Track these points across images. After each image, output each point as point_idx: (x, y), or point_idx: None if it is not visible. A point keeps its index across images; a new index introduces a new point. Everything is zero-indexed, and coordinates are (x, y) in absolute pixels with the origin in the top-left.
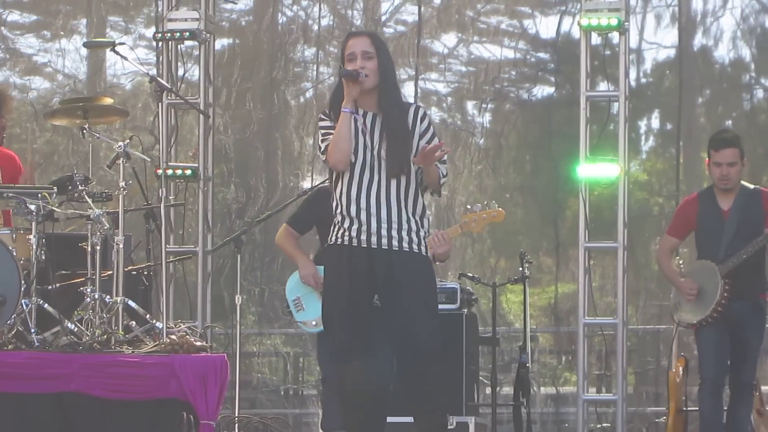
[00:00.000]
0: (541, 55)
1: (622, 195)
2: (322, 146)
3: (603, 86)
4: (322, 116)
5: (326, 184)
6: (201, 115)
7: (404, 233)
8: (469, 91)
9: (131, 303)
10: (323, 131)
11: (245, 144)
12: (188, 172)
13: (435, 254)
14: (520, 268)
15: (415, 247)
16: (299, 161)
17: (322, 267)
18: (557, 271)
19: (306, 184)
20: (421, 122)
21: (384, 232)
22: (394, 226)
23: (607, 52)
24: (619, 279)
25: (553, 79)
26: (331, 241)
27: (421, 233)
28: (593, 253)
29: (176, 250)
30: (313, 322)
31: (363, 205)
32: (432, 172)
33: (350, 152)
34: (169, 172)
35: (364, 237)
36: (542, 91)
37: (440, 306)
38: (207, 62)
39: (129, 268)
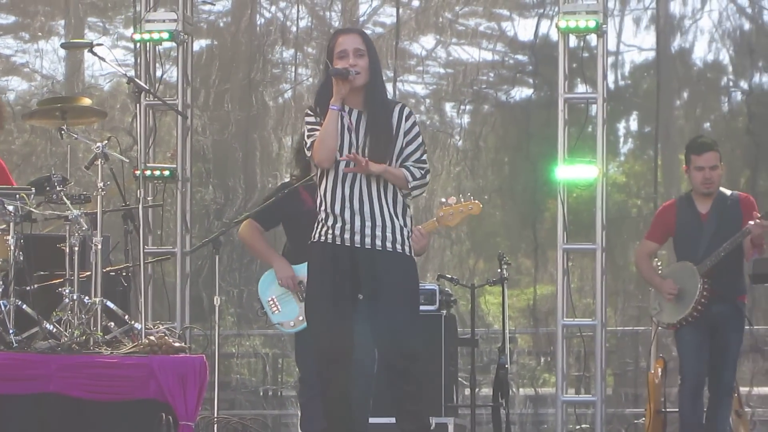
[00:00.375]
0: (519, 57)
1: (601, 197)
2: (308, 142)
3: (581, 88)
4: (309, 112)
5: (291, 181)
6: (179, 116)
7: (388, 232)
8: (448, 92)
9: (110, 304)
10: (309, 127)
11: (223, 145)
12: (166, 173)
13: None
14: (499, 270)
15: (398, 247)
16: (277, 162)
17: (297, 266)
18: (536, 273)
19: None
20: (406, 121)
21: (368, 231)
22: (378, 224)
23: (585, 55)
24: (597, 280)
25: (531, 80)
26: (314, 238)
27: (405, 232)
28: (572, 254)
29: (155, 251)
30: (291, 323)
31: (347, 203)
32: (391, 177)
33: (336, 150)
34: (148, 173)
35: (347, 236)
36: (520, 92)
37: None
38: (185, 63)
39: (107, 269)
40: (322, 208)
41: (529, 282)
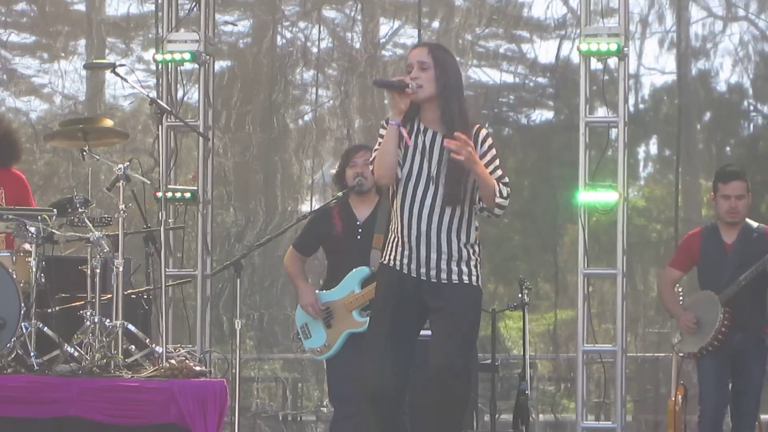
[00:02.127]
0: (540, 79)
1: (622, 221)
2: (372, 155)
3: (602, 112)
4: (383, 124)
5: (328, 205)
6: (200, 138)
7: (454, 264)
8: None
9: (131, 327)
10: (379, 140)
11: (244, 167)
12: (188, 195)
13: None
14: (519, 295)
15: (465, 278)
16: (298, 185)
17: (326, 291)
18: (556, 298)
19: (305, 208)
20: (482, 145)
21: (433, 263)
22: (444, 256)
23: (606, 78)
24: (618, 306)
25: (551, 103)
26: (385, 259)
27: (472, 262)
28: (592, 279)
29: (175, 273)
30: (318, 350)
31: (414, 231)
32: (485, 182)
33: (394, 167)
34: (169, 194)
35: (413, 266)
36: (541, 116)
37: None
38: (206, 84)
39: (128, 291)
40: (393, 228)
41: (549, 307)
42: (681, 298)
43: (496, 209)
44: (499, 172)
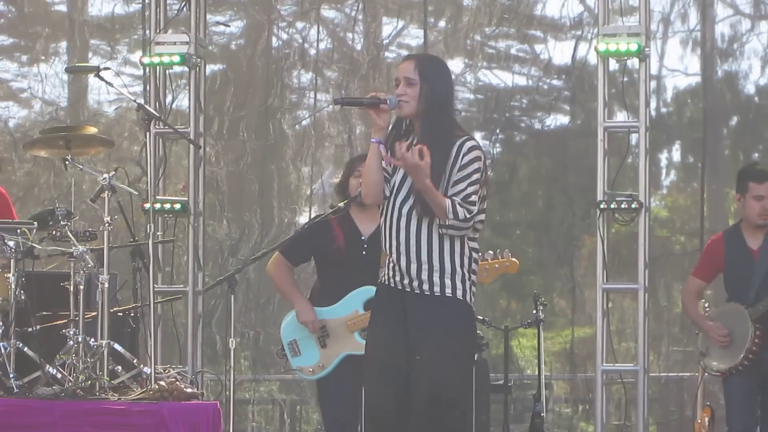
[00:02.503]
0: (555, 82)
1: (643, 232)
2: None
3: (621, 116)
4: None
5: (327, 216)
6: (191, 146)
7: (436, 277)
8: (478, 120)
9: (117, 346)
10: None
11: (238, 176)
12: (177, 206)
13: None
14: (534, 311)
15: (448, 291)
16: (296, 195)
17: (323, 308)
18: (573, 314)
19: (303, 220)
20: (464, 156)
21: (414, 273)
22: (424, 267)
23: (626, 80)
24: (639, 323)
25: (567, 107)
26: (381, 279)
27: (458, 276)
28: (611, 294)
29: (165, 289)
30: (310, 369)
31: (394, 243)
32: (430, 198)
33: (379, 185)
34: (157, 206)
35: (397, 278)
36: (556, 120)
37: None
38: (197, 89)
39: (114, 309)
40: (384, 246)
41: (565, 324)
42: (707, 311)
43: (448, 229)
44: (469, 189)
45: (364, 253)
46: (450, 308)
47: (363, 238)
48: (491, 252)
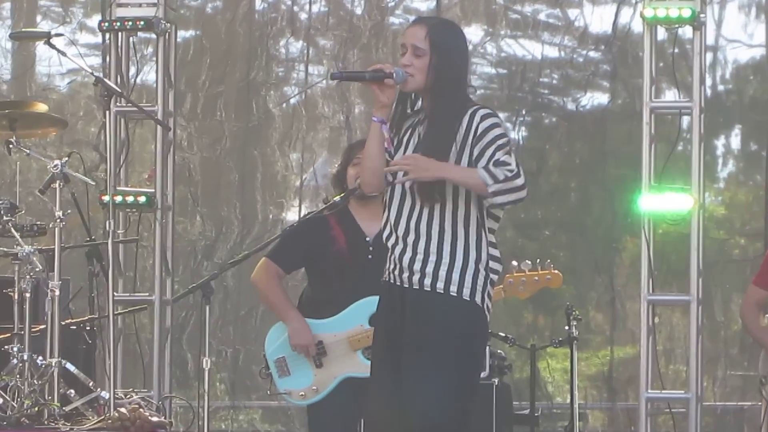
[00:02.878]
0: (593, 54)
1: (696, 234)
2: None
3: (671, 95)
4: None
5: (321, 213)
6: (159, 127)
7: (442, 271)
8: (500, 99)
9: (70, 366)
10: None
11: (215, 164)
12: (142, 199)
13: None
14: (566, 327)
15: (453, 288)
16: (283, 186)
17: (316, 321)
18: (612, 331)
19: (292, 216)
20: (477, 128)
21: (417, 266)
22: (431, 259)
23: (676, 51)
24: (692, 342)
25: (607, 84)
26: (383, 276)
27: (469, 272)
28: (658, 308)
29: (127, 298)
30: (301, 393)
31: (398, 233)
32: (461, 181)
33: (379, 172)
34: (118, 199)
35: (397, 273)
36: (593, 100)
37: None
38: (167, 60)
39: (67, 321)
40: (385, 238)
41: (602, 343)
42: None
43: (497, 199)
44: (497, 154)
45: (369, 257)
46: (451, 309)
47: (368, 239)
48: (529, 262)
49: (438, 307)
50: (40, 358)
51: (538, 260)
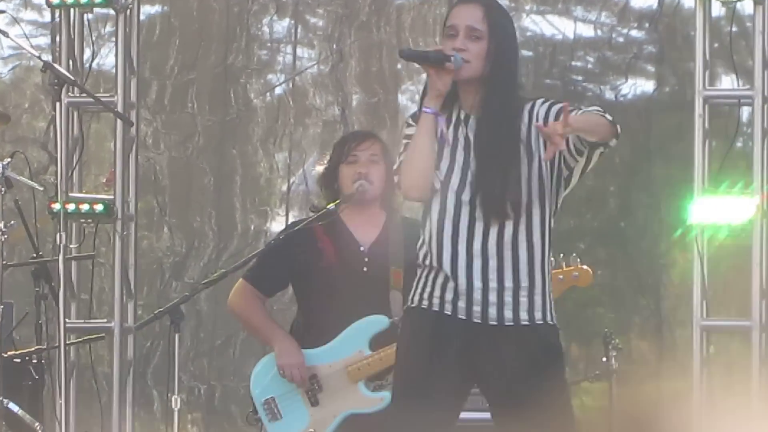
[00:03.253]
0: (635, 33)
1: (759, 246)
2: (397, 162)
3: (728, 81)
4: (409, 122)
5: (310, 224)
6: (119, 121)
7: (522, 296)
8: (524, 87)
9: (12, 406)
10: (405, 142)
11: (186, 165)
12: (99, 207)
13: None
14: (604, 358)
15: (537, 314)
16: (267, 191)
17: (310, 350)
18: (659, 363)
19: (277, 227)
20: (545, 115)
21: (493, 297)
22: (508, 285)
23: (735, 30)
24: (753, 374)
25: (652, 69)
26: (413, 302)
27: (547, 290)
28: (714, 335)
29: (81, 326)
30: None
31: (460, 254)
32: (588, 128)
33: (428, 174)
34: (71, 207)
35: (463, 304)
36: (635, 87)
37: (479, 414)
38: (128, 41)
39: (10, 353)
40: (427, 260)
41: (648, 376)
42: None
43: (613, 142)
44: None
45: (365, 269)
46: (543, 340)
47: (362, 248)
48: (552, 258)
49: (524, 346)
50: None
51: (561, 255)
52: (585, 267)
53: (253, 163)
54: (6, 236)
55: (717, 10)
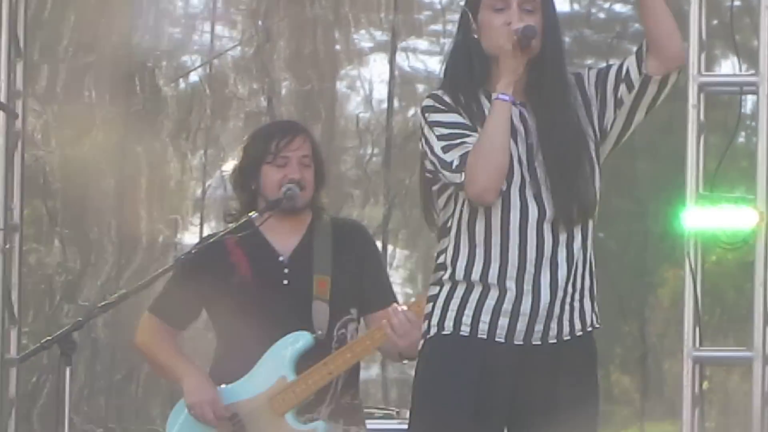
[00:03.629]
0: (618, 8)
1: (763, 263)
2: (449, 157)
3: (728, 66)
4: (434, 103)
5: (223, 234)
6: (2, 113)
7: (577, 301)
8: None
9: None
10: (440, 131)
11: (82, 166)
12: None
13: (398, 348)
14: None
15: (588, 320)
16: (180, 196)
17: (227, 387)
18: (643, 401)
19: (190, 239)
20: (589, 87)
21: (556, 310)
22: (568, 299)
23: (737, 4)
24: (754, 414)
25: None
26: (444, 327)
27: (595, 288)
28: (709, 368)
29: None
30: None
31: (522, 264)
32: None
33: (505, 170)
34: None
35: (521, 326)
36: None
37: None
38: (12, 16)
39: None
40: (460, 273)
41: (631, 417)
42: None
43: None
44: None
45: (285, 282)
46: (592, 355)
47: (281, 259)
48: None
49: (591, 355)
50: None
51: None
52: None
53: (161, 163)
54: None
55: None
